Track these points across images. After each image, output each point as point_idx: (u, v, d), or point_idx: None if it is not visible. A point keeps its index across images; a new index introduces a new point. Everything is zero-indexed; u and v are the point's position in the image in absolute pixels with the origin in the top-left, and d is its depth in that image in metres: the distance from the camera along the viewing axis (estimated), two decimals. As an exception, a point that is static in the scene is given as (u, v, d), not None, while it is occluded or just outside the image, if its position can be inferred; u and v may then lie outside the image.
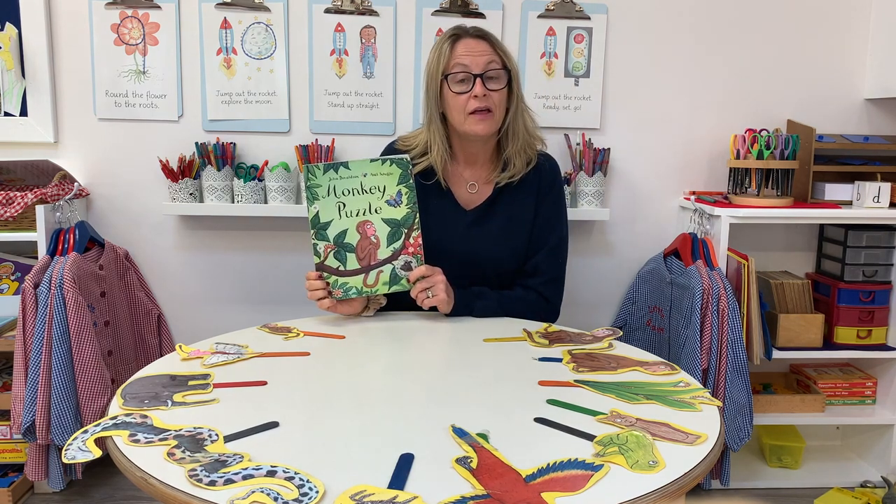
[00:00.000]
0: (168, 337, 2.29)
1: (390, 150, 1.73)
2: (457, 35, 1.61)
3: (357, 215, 1.51)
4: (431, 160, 1.65)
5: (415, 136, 1.72)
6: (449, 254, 1.61)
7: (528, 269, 1.70)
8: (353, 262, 1.52)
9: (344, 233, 1.52)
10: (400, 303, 1.62)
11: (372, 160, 1.52)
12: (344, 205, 1.51)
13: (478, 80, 1.56)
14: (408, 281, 1.54)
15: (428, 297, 1.53)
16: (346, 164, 1.50)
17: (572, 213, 2.17)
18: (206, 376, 1.18)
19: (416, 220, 1.53)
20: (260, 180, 2.16)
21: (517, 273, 1.70)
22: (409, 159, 1.54)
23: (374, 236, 1.52)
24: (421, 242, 1.54)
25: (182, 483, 0.83)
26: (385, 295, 1.58)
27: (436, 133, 1.64)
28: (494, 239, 1.66)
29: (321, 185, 1.50)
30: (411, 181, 1.53)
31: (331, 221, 1.51)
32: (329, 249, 1.52)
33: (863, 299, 2.21)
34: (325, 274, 1.52)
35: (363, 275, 1.53)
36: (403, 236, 1.53)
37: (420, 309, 1.59)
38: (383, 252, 1.53)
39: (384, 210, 1.52)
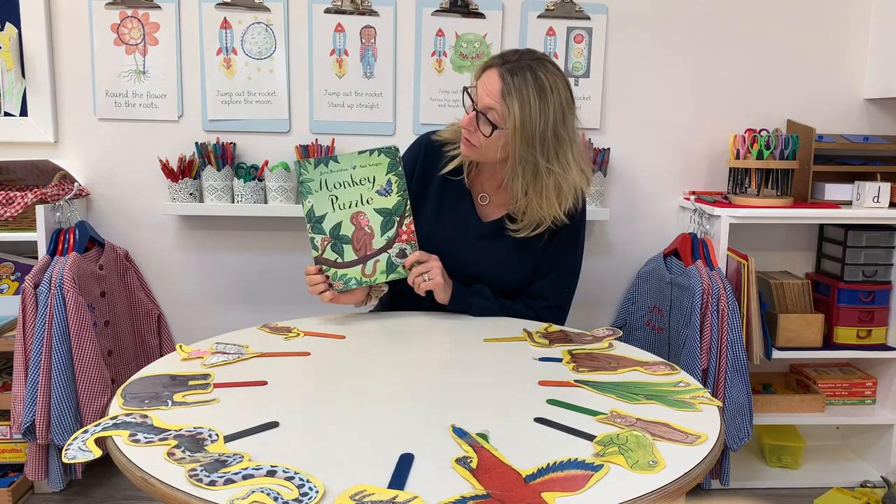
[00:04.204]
0: (168, 337, 2.29)
1: (425, 139, 1.66)
2: (493, 65, 1.48)
3: (350, 207, 1.52)
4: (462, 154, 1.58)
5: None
6: (454, 259, 1.59)
7: (532, 290, 1.64)
8: (350, 254, 1.53)
9: (339, 225, 1.53)
10: (401, 293, 1.61)
11: (360, 152, 1.53)
12: (336, 198, 1.52)
13: (473, 112, 1.48)
14: (404, 268, 1.55)
15: (424, 281, 1.53)
16: (335, 158, 1.52)
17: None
18: (206, 376, 1.18)
19: (408, 207, 1.54)
20: (260, 180, 2.16)
21: (520, 290, 1.65)
22: (397, 147, 1.54)
23: (368, 226, 1.53)
24: (414, 229, 1.55)
25: (182, 483, 0.83)
26: (386, 282, 1.59)
27: None
28: (501, 259, 1.61)
29: (313, 180, 1.51)
30: (400, 169, 1.53)
31: (325, 215, 1.52)
32: (326, 242, 1.53)
33: (863, 299, 2.21)
34: (325, 267, 1.53)
35: (361, 265, 1.54)
36: (396, 224, 1.54)
37: (420, 306, 1.59)
38: (378, 241, 1.54)
39: (375, 200, 1.53)
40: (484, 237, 1.62)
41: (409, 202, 1.54)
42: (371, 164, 1.53)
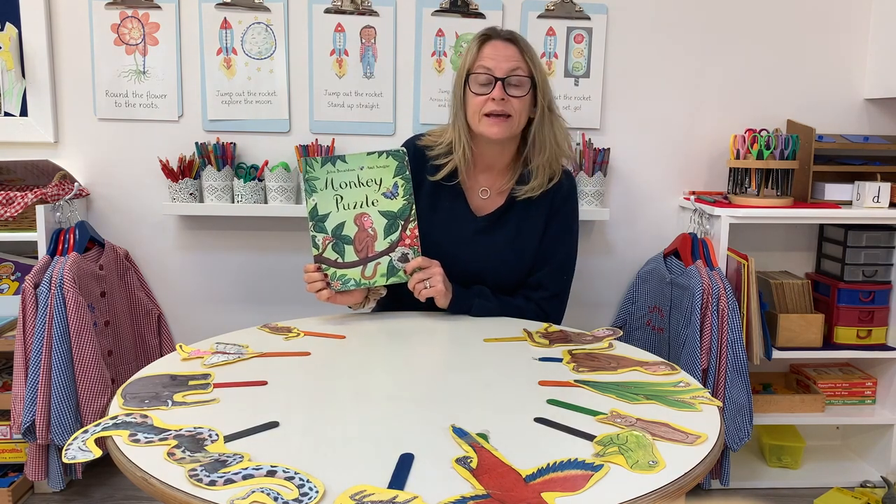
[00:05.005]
0: (168, 337, 2.29)
1: (411, 144, 1.67)
2: (487, 36, 1.57)
3: (354, 207, 1.52)
4: (456, 159, 1.60)
5: (440, 135, 1.66)
6: (452, 258, 1.59)
7: (531, 282, 1.66)
8: (350, 255, 1.53)
9: (342, 225, 1.52)
10: (401, 296, 1.61)
11: (368, 153, 1.52)
12: (341, 197, 1.52)
13: (498, 83, 1.52)
14: (405, 272, 1.55)
15: (425, 288, 1.53)
16: (343, 158, 1.51)
17: (572, 213, 2.17)
18: (206, 376, 1.18)
19: (413, 211, 1.53)
20: (260, 180, 2.16)
21: (519, 284, 1.67)
22: (405, 151, 1.53)
23: (372, 228, 1.53)
24: (417, 234, 1.54)
25: (182, 483, 0.83)
26: (385, 286, 1.58)
27: (460, 132, 1.60)
28: (500, 250, 1.63)
29: (319, 178, 1.51)
30: (407, 173, 1.53)
31: (329, 214, 1.52)
32: (327, 241, 1.52)
33: (863, 299, 2.21)
34: (324, 266, 1.53)
35: (361, 266, 1.53)
36: (400, 228, 1.54)
37: (420, 308, 1.59)
38: (380, 244, 1.54)
39: (381, 202, 1.53)
40: (480, 231, 1.63)
41: (414, 207, 1.53)
42: (379, 166, 1.52)
